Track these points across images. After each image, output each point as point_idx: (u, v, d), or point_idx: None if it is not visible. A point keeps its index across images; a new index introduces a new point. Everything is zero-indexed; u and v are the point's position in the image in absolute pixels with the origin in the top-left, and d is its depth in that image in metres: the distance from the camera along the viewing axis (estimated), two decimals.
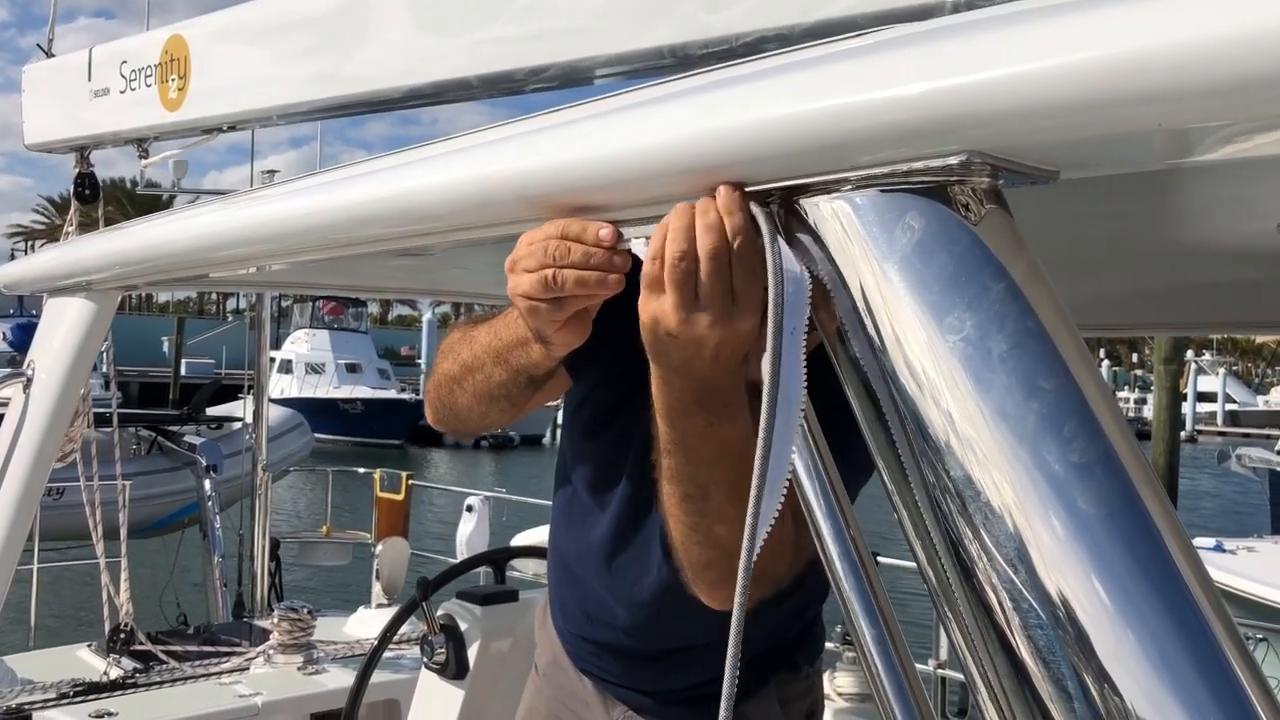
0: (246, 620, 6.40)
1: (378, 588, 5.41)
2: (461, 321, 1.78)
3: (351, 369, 41.02)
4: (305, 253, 1.61)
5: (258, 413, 8.29)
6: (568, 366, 1.69)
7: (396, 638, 3.58)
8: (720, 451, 1.25)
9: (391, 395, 39.97)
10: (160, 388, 35.87)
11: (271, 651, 4.29)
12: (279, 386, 35.37)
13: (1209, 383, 61.24)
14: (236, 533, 8.44)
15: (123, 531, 4.63)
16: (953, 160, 0.81)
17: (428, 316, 50.79)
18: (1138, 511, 0.76)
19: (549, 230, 1.16)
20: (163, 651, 4.43)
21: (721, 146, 0.93)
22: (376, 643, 3.34)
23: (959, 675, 5.45)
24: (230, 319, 49.78)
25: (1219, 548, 10.33)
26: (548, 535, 2.15)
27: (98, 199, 3.11)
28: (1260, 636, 7.63)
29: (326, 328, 42.51)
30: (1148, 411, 33.09)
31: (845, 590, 0.92)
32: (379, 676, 3.43)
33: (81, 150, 3.00)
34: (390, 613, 3.65)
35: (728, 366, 1.13)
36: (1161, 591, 0.74)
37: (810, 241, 0.92)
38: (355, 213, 1.42)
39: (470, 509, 7.32)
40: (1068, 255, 1.82)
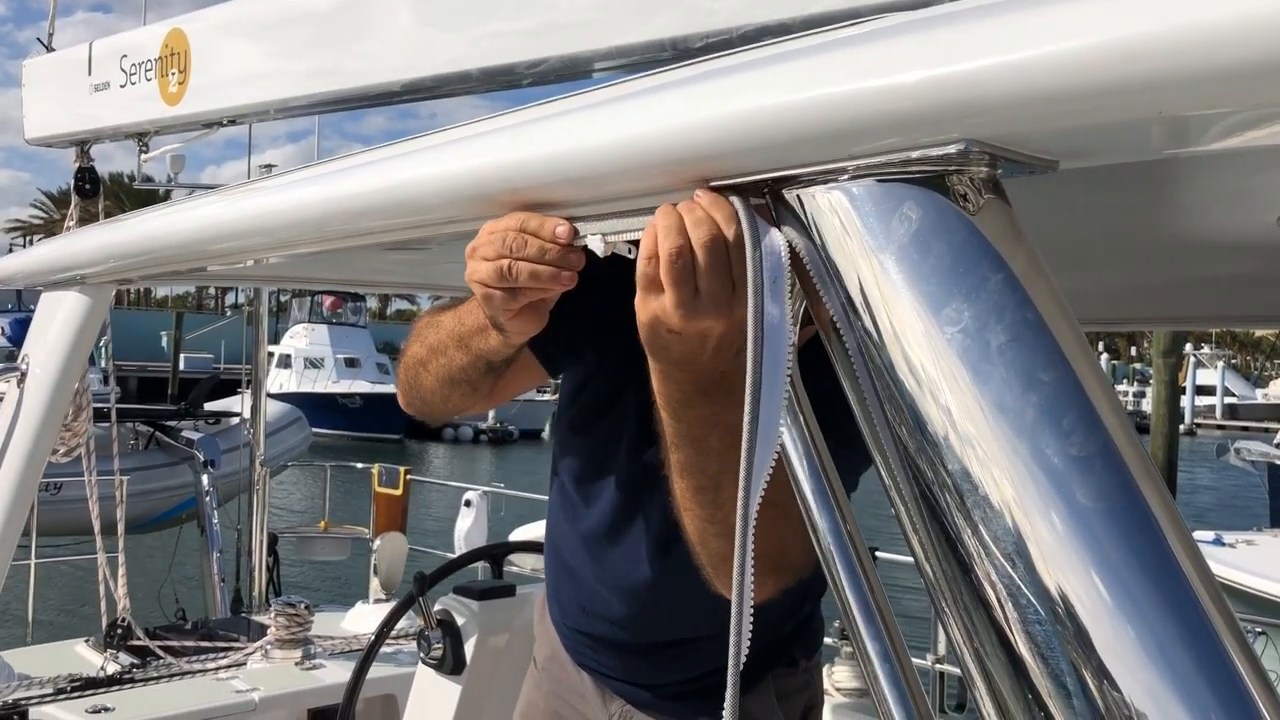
0: (244, 615, 6.40)
1: (375, 583, 5.41)
2: (432, 307, 1.79)
3: (350, 364, 41.00)
4: (301, 245, 1.60)
5: (255, 408, 8.28)
6: (542, 359, 1.74)
7: (394, 633, 3.58)
8: (727, 439, 1.25)
9: (390, 390, 39.65)
10: (159, 382, 35.90)
11: (269, 647, 4.29)
12: (278, 381, 35.36)
13: (1208, 376, 61.26)
14: (234, 528, 8.43)
15: (120, 526, 4.61)
16: (950, 149, 0.80)
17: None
18: (1137, 505, 0.75)
19: (509, 222, 1.20)
20: (160, 647, 4.42)
21: (715, 136, 0.93)
22: (373, 638, 3.34)
23: (958, 670, 5.45)
24: (229, 314, 49.78)
25: (1218, 541, 10.35)
26: (544, 530, 2.15)
27: (98, 193, 3.11)
28: (1260, 630, 7.64)
29: (325, 322, 42.49)
30: (1146, 405, 33.13)
31: (841, 585, 0.91)
32: (376, 672, 3.43)
33: (82, 145, 3.00)
34: (388, 608, 3.65)
35: (727, 355, 1.13)
36: (1161, 586, 0.73)
37: (805, 232, 0.91)
38: (350, 205, 1.41)
39: (468, 504, 7.32)
40: (1067, 248, 1.81)
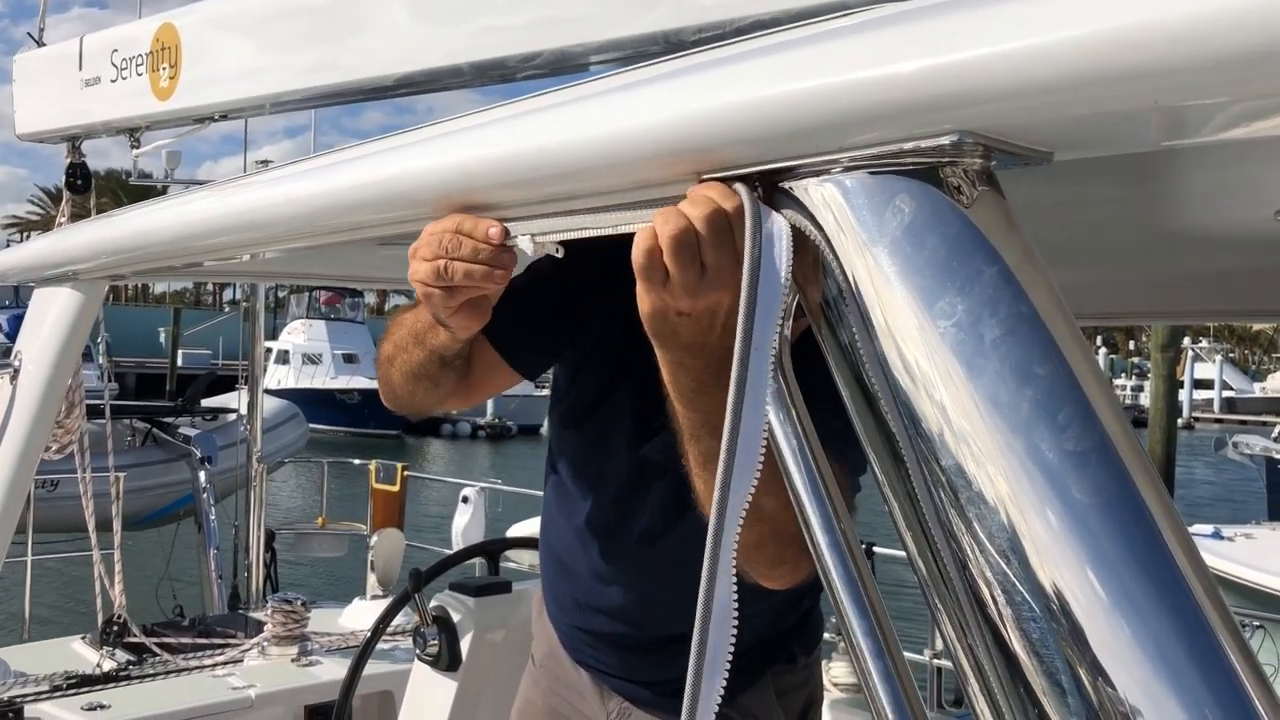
0: (241, 612, 6.38)
1: (372, 579, 5.42)
2: (403, 305, 1.80)
3: (348, 359, 40.97)
4: (293, 240, 1.60)
5: (252, 404, 8.28)
6: (510, 360, 1.83)
7: (390, 629, 3.58)
8: None
9: None
10: (157, 378, 35.91)
11: (266, 643, 4.29)
12: (276, 377, 35.37)
13: (1206, 370, 61.34)
14: (232, 524, 8.42)
15: (116, 523, 4.62)
16: (944, 141, 0.79)
17: None
18: (1133, 500, 0.75)
19: (446, 224, 1.26)
20: (156, 644, 4.42)
21: (708, 129, 0.92)
22: (369, 634, 3.34)
23: None
24: (227, 310, 49.75)
25: (1217, 535, 10.36)
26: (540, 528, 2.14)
27: (90, 189, 3.10)
28: (1257, 624, 7.64)
29: (323, 318, 42.47)
30: (1144, 399, 33.15)
31: (834, 581, 0.91)
32: (373, 668, 3.43)
33: (73, 140, 2.99)
34: (385, 604, 3.65)
35: (734, 333, 1.12)
36: (1156, 582, 0.73)
37: (798, 225, 0.90)
38: (341, 199, 1.40)
39: (466, 500, 7.32)
40: (1064, 242, 1.80)
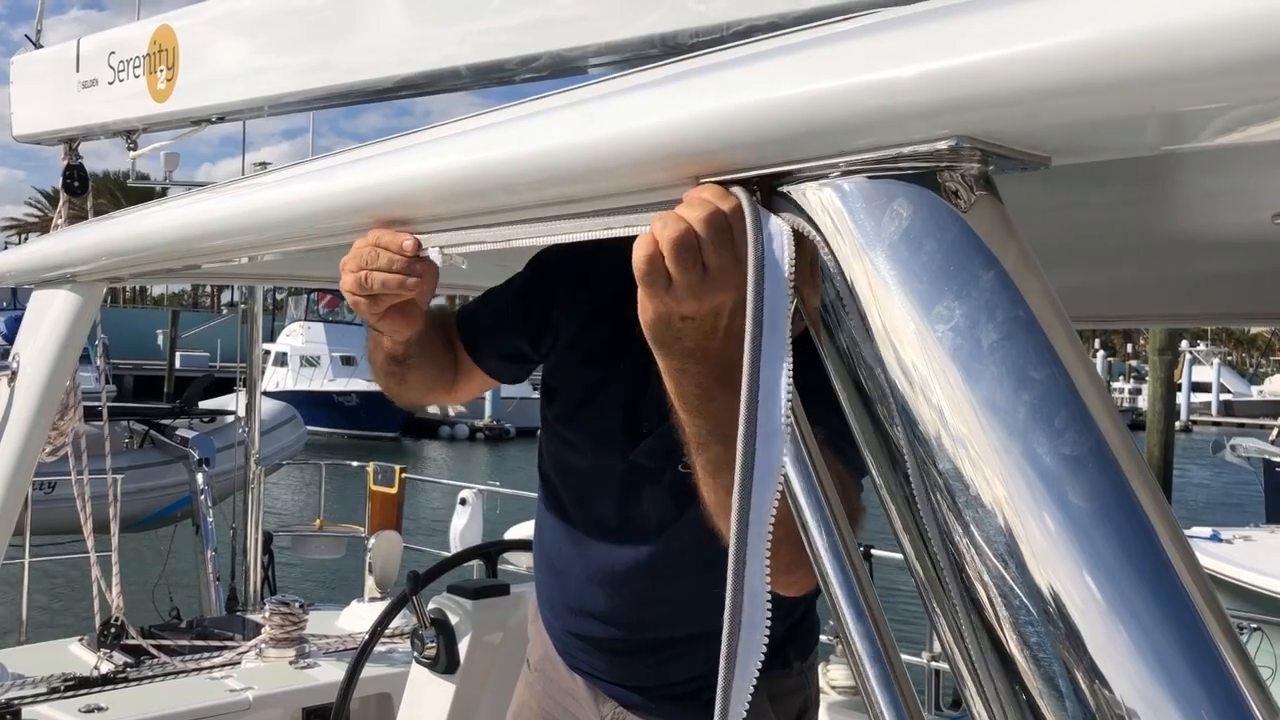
0: (239, 614, 6.37)
1: (370, 581, 5.40)
2: None
3: (346, 361, 40.92)
4: (293, 242, 1.60)
5: (250, 406, 8.26)
6: (485, 368, 1.99)
7: (388, 631, 3.57)
8: None
9: None
10: (155, 380, 35.92)
11: (263, 646, 4.28)
12: (274, 379, 35.34)
13: (1204, 373, 61.31)
14: (229, 526, 8.41)
15: (114, 525, 4.61)
16: (942, 145, 0.79)
17: None
18: (1129, 505, 0.75)
19: (369, 238, 1.39)
20: (154, 646, 4.41)
21: (706, 133, 0.92)
22: (367, 637, 3.33)
23: None
24: (225, 312, 49.73)
25: (1215, 537, 10.36)
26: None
27: (87, 191, 3.10)
28: (1254, 626, 7.65)
29: (321, 320, 42.43)
30: (1142, 402, 33.17)
31: (832, 584, 0.90)
32: (370, 670, 3.42)
33: (70, 142, 2.99)
34: (383, 607, 3.64)
35: (738, 337, 1.12)
36: (1153, 585, 0.73)
37: (796, 228, 0.90)
38: (341, 201, 1.40)
39: (464, 502, 7.31)
40: (1062, 245, 1.81)
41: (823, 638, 2.27)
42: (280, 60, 2.19)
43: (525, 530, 5.58)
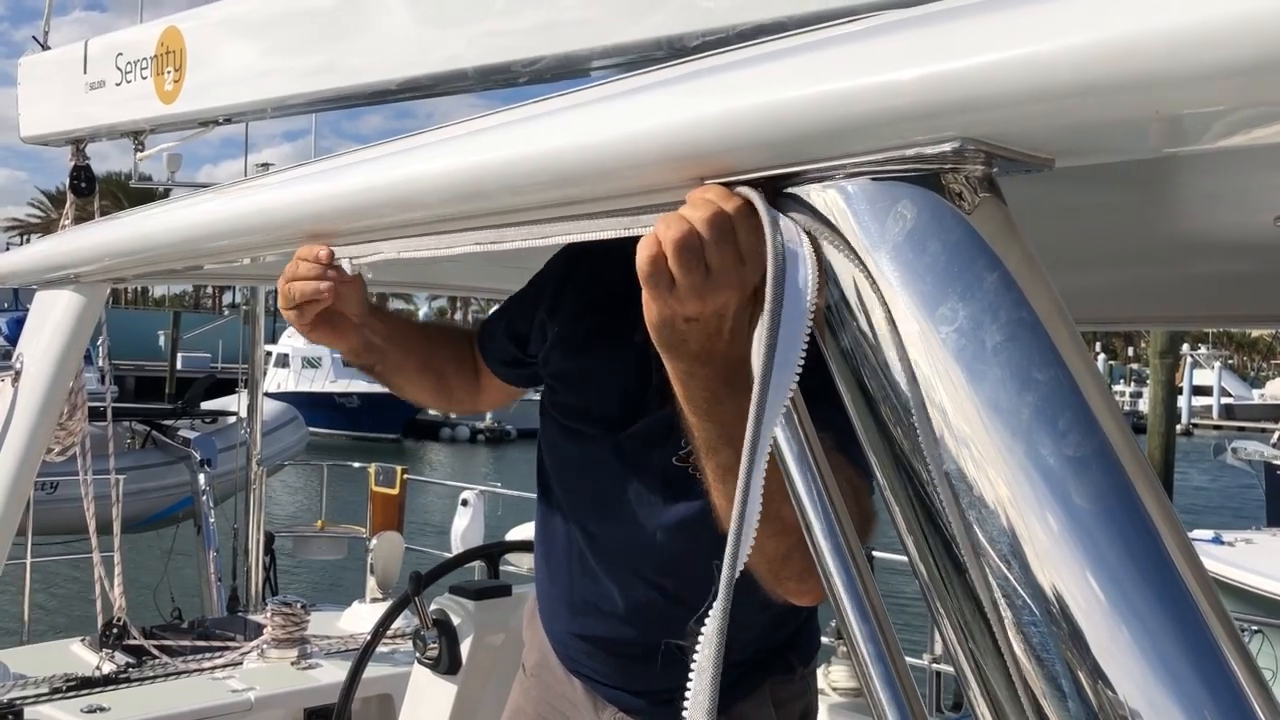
0: (241, 615, 6.38)
1: (372, 582, 5.40)
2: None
3: (348, 363, 40.93)
4: (295, 244, 1.60)
5: (252, 407, 8.27)
6: (498, 374, 2.10)
7: (390, 632, 3.57)
8: None
9: (387, 389, 39.79)
10: (156, 381, 35.91)
11: (265, 646, 4.28)
12: (276, 380, 35.31)
13: (1204, 376, 61.23)
14: (231, 527, 8.41)
15: (116, 525, 4.61)
16: (946, 147, 0.79)
17: (424, 310, 50.90)
18: (1133, 505, 0.75)
19: (296, 254, 1.54)
20: (156, 646, 4.41)
21: (710, 134, 0.92)
22: (369, 638, 3.33)
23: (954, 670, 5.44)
24: (226, 313, 49.73)
25: (1217, 540, 10.37)
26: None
27: (94, 192, 3.11)
28: (1256, 628, 7.65)
29: None
30: (1143, 405, 33.16)
31: (836, 585, 0.91)
32: (372, 671, 3.42)
33: (77, 143, 3.00)
34: (384, 607, 3.64)
35: (744, 339, 1.12)
36: (1156, 586, 0.73)
37: (801, 230, 0.90)
38: (345, 202, 1.40)
39: (465, 503, 7.31)
40: (1064, 247, 1.81)
41: (823, 639, 2.27)
42: (287, 62, 2.20)
43: (527, 531, 5.58)
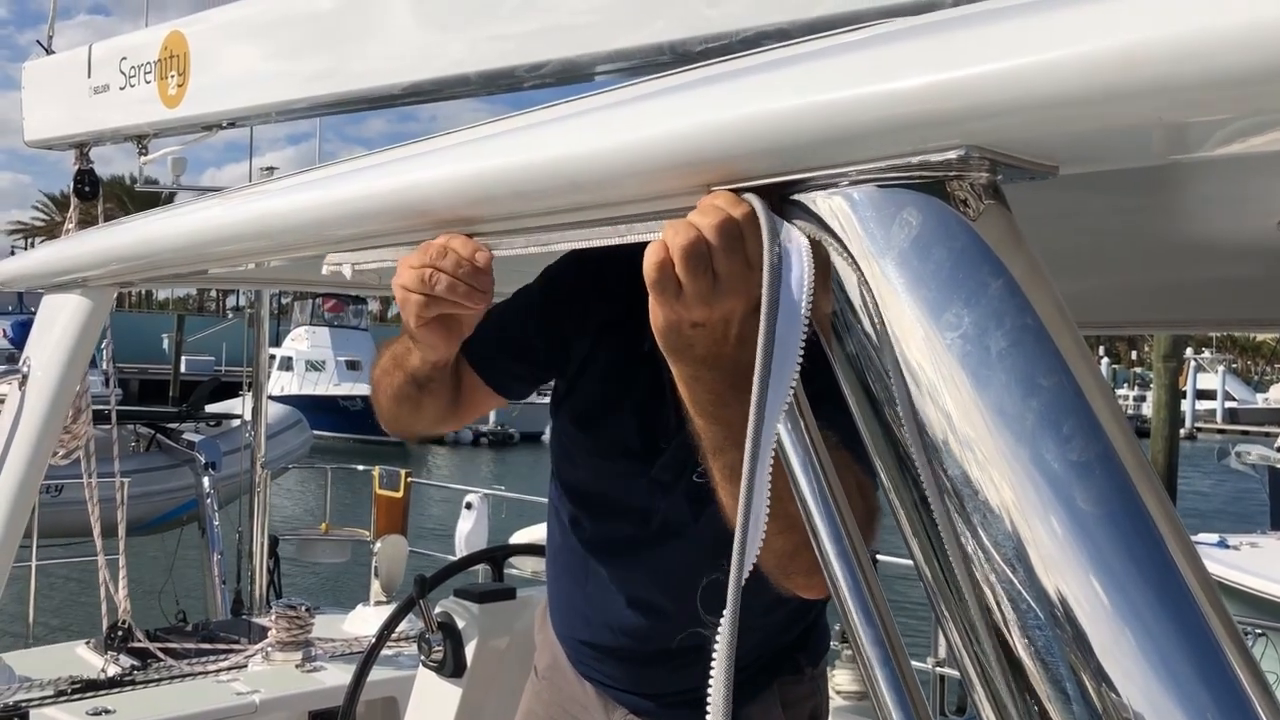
0: (245, 618, 6.38)
1: (376, 585, 5.41)
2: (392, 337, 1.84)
3: (352, 366, 40.93)
4: (302, 249, 1.61)
5: (256, 410, 8.28)
6: (494, 386, 1.93)
7: (394, 635, 3.58)
8: None
9: None
10: (160, 384, 35.97)
11: (270, 649, 4.28)
12: (279, 384, 35.35)
13: (1208, 380, 61.18)
14: (235, 530, 8.42)
15: (121, 528, 4.61)
16: (951, 155, 0.80)
17: None
18: (1137, 511, 0.75)
19: (440, 239, 1.34)
20: (160, 649, 4.42)
21: (717, 141, 0.93)
22: (374, 641, 3.34)
23: (957, 673, 5.44)
24: (230, 316, 49.79)
25: (1222, 544, 10.37)
26: (545, 536, 2.14)
27: (97, 196, 3.12)
28: (1259, 632, 7.64)
29: (327, 325, 42.46)
30: (1147, 409, 33.12)
31: (841, 588, 0.91)
32: (377, 674, 3.43)
33: (81, 147, 3.01)
34: (389, 610, 3.64)
35: (750, 344, 1.12)
36: (1160, 591, 0.73)
37: (808, 236, 0.91)
38: (351, 208, 1.41)
39: (469, 506, 7.31)
40: (1068, 252, 1.81)
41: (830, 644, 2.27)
42: (290, 66, 2.20)
43: (531, 535, 5.60)
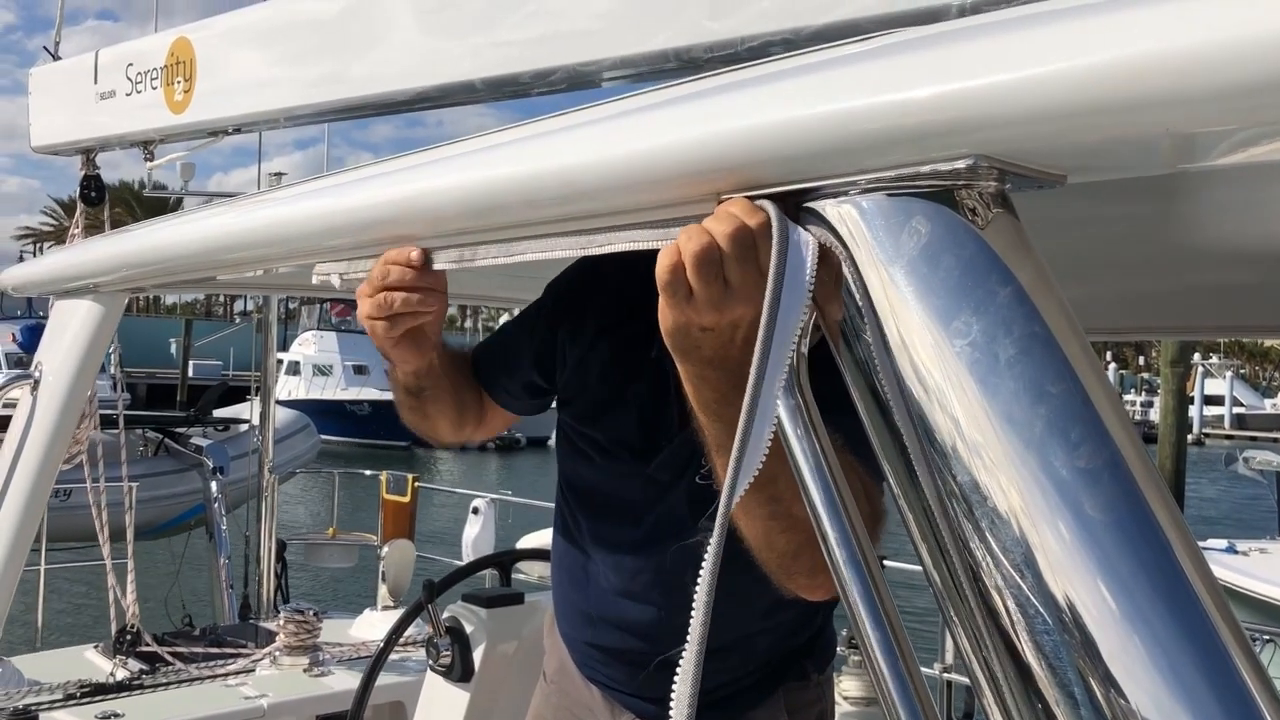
0: (252, 622, 6.39)
1: (383, 590, 5.42)
2: None
3: (359, 370, 40.98)
4: (311, 256, 1.61)
5: (264, 415, 8.28)
6: (500, 403, 2.01)
7: (402, 640, 3.58)
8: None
9: None
10: (168, 389, 35.96)
11: (277, 653, 4.29)
12: (286, 388, 35.40)
13: (1216, 386, 61.08)
14: (243, 534, 8.42)
15: (129, 533, 4.63)
16: (960, 164, 0.80)
17: None
18: (1145, 517, 0.76)
19: (379, 263, 1.42)
20: (169, 653, 4.44)
21: (729, 150, 0.93)
22: (382, 645, 3.34)
23: (964, 679, 5.43)
24: (238, 320, 49.88)
25: (1231, 549, 10.35)
26: (551, 540, 2.15)
27: (104, 201, 3.13)
28: (1267, 638, 7.62)
29: (334, 329, 42.51)
30: (1154, 414, 33.06)
31: (850, 593, 0.91)
32: (385, 678, 3.43)
33: (88, 153, 3.02)
34: (396, 615, 3.65)
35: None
36: (1168, 596, 0.74)
37: (814, 240, 0.91)
38: (361, 215, 1.42)
39: (476, 511, 7.32)
40: (1075, 258, 1.81)
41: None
42: (296, 72, 2.21)
43: (538, 539, 5.61)
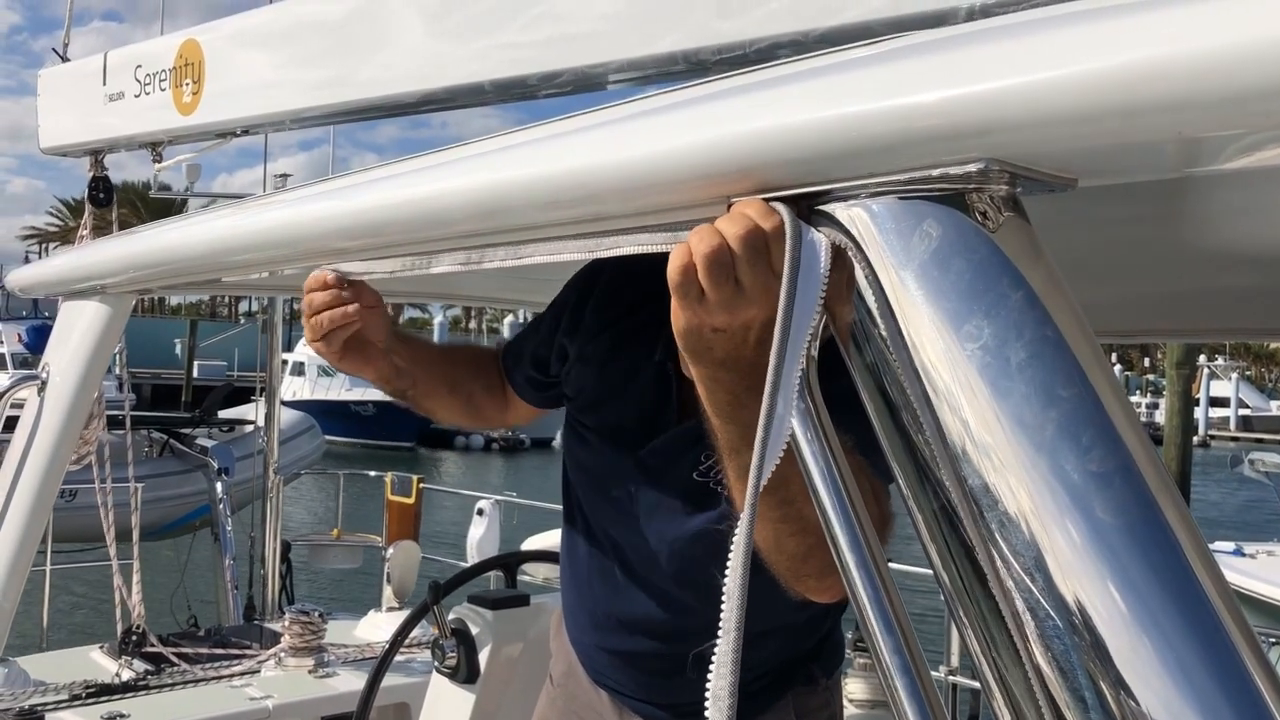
0: (257, 623, 6.40)
1: (388, 591, 5.42)
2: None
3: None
4: (318, 258, 1.62)
5: (269, 415, 8.29)
6: (521, 395, 2.13)
7: (408, 641, 3.58)
8: None
9: None
10: (173, 390, 36.05)
11: (282, 654, 4.29)
12: (291, 389, 35.37)
13: (1222, 387, 60.94)
14: (248, 535, 8.43)
15: (135, 533, 4.63)
16: (971, 168, 0.80)
17: (439, 319, 50.89)
18: (1156, 521, 0.76)
19: (304, 289, 1.67)
20: (174, 654, 4.44)
21: (740, 153, 0.93)
22: (388, 646, 3.35)
23: (970, 682, 5.43)
24: (243, 321, 49.93)
25: (1239, 552, 10.33)
26: (559, 542, 2.15)
27: (112, 202, 3.13)
28: (1275, 640, 7.61)
29: None
30: (1160, 416, 33.02)
31: (860, 595, 0.91)
32: (390, 680, 3.43)
33: (96, 154, 3.02)
34: (401, 616, 3.65)
35: (768, 346, 1.13)
36: (1179, 600, 0.74)
37: (827, 242, 0.92)
38: (369, 218, 1.42)
39: (481, 512, 7.33)
40: (1083, 261, 1.81)
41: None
42: (304, 74, 2.21)
43: (544, 541, 5.60)
